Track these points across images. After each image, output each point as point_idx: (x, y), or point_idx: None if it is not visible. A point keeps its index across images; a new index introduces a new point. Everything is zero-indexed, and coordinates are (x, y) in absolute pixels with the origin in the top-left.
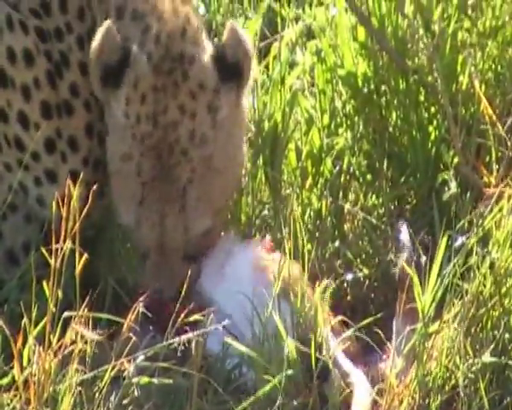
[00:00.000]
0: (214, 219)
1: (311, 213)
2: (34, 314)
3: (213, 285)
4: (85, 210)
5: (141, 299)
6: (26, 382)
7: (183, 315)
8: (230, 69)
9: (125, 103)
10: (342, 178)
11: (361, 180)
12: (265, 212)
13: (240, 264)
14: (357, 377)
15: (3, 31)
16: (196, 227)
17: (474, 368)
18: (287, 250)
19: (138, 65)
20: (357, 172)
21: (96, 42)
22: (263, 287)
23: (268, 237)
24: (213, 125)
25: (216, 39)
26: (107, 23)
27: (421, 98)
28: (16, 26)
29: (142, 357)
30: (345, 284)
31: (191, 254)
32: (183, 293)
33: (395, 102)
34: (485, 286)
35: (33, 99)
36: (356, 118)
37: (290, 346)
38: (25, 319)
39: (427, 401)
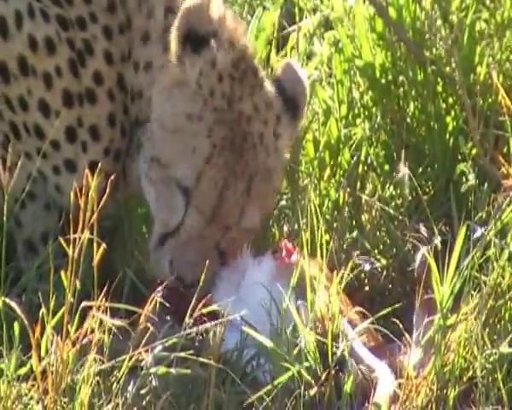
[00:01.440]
0: (257, 224)
1: (329, 204)
2: (52, 304)
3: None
4: (103, 201)
5: (159, 289)
6: (43, 372)
7: (201, 305)
8: (288, 103)
9: (198, 73)
10: (360, 169)
11: (379, 171)
12: (283, 202)
13: (254, 283)
14: (382, 370)
15: (24, 19)
16: (249, 218)
17: (491, 359)
18: (304, 241)
19: (219, 49)
20: (374, 163)
21: (192, 3)
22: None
23: (285, 242)
24: (275, 147)
25: None
26: None
27: (439, 89)
28: (37, 15)
29: (159, 347)
30: (362, 275)
31: (221, 250)
32: (201, 283)
33: (413, 92)
34: (503, 278)
35: (55, 87)
36: (374, 109)
37: (307, 337)
38: (43, 309)
39: (444, 391)
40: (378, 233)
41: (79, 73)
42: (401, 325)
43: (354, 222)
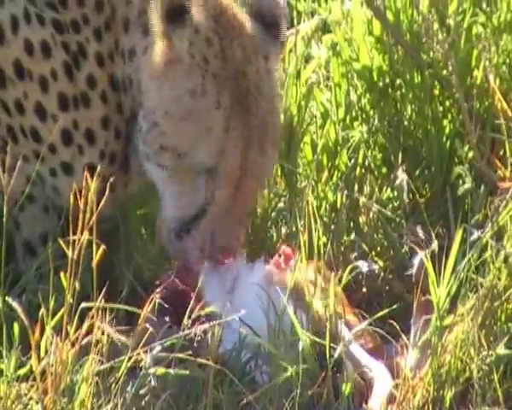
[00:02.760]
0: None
1: (327, 206)
2: (52, 305)
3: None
4: (102, 203)
5: (157, 290)
6: (43, 372)
7: (199, 306)
8: (270, 28)
9: (188, 45)
10: (357, 172)
11: (376, 173)
12: (281, 204)
13: (247, 288)
14: (379, 371)
15: (20, 23)
16: (268, 170)
17: (488, 360)
18: (302, 243)
19: (197, 12)
20: (372, 166)
21: None
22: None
23: (284, 247)
24: (271, 91)
25: None
26: None
27: (436, 92)
28: (33, 19)
29: (158, 348)
30: (360, 277)
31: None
32: (199, 284)
33: (410, 95)
34: (499, 280)
35: (50, 90)
36: (371, 111)
37: (304, 338)
38: (42, 310)
39: (441, 392)
40: (375, 235)
41: (74, 77)
42: (398, 327)
43: (352, 224)
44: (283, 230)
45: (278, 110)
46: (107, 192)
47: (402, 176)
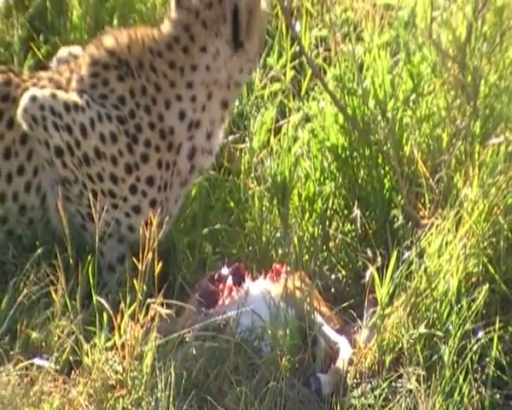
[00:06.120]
0: None
1: (308, 236)
2: (128, 301)
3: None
4: (161, 232)
5: (197, 291)
6: (122, 345)
7: (225, 301)
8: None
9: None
10: (328, 213)
11: (340, 214)
12: (278, 234)
13: (255, 296)
14: (342, 343)
15: (96, 122)
16: None
17: (413, 336)
18: (291, 260)
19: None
20: (337, 209)
21: None
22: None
23: (275, 265)
24: None
25: None
26: None
27: (380, 161)
28: (104, 118)
29: (197, 328)
30: (330, 282)
31: None
32: (226, 286)
33: (363, 163)
34: (421, 284)
35: (119, 164)
36: (337, 173)
37: (292, 323)
38: (122, 304)
39: (383, 357)
40: (340, 254)
41: (133, 150)
42: (355, 314)
43: (324, 247)
44: (280, 251)
45: None
46: (164, 225)
47: (357, 212)
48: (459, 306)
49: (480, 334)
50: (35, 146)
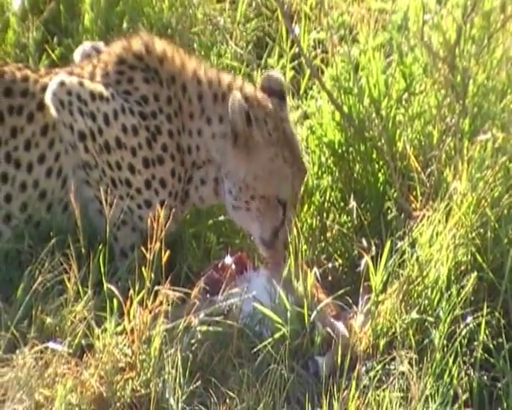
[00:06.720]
0: None
1: (307, 227)
2: (137, 288)
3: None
4: (168, 224)
5: (202, 278)
6: (131, 329)
7: (228, 288)
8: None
9: (260, 132)
10: (325, 205)
11: (337, 206)
12: None
13: (257, 283)
14: (339, 328)
15: (119, 113)
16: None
17: (405, 321)
18: (291, 250)
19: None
20: (334, 201)
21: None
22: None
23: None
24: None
25: None
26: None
27: (374, 156)
28: (127, 112)
29: (203, 314)
30: (327, 270)
31: None
32: (227, 274)
33: (358, 158)
34: (413, 272)
35: (138, 156)
36: (334, 168)
37: (292, 309)
38: (131, 291)
39: (377, 341)
40: (337, 244)
41: (152, 146)
42: (351, 301)
43: (322, 237)
44: None
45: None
46: (170, 218)
47: (353, 204)
48: (449, 293)
49: (469, 319)
50: (60, 129)
